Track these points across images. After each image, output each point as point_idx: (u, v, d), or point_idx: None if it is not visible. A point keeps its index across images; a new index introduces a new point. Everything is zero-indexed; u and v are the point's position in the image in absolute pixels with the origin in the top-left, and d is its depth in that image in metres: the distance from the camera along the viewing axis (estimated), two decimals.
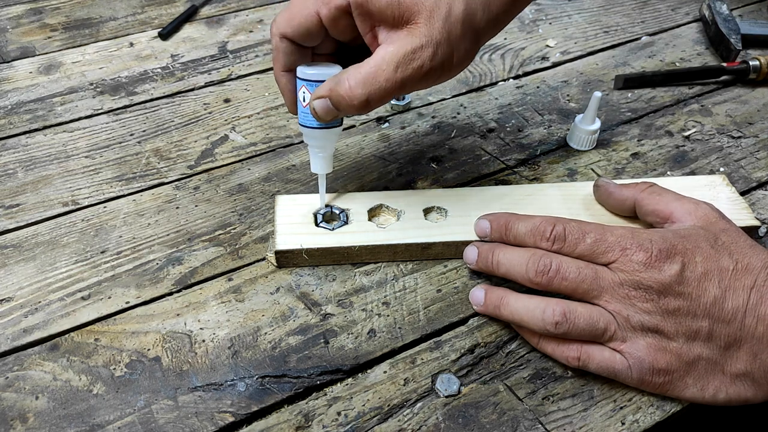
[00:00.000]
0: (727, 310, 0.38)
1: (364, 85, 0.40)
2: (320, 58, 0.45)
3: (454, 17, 0.39)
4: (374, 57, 0.40)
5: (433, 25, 0.39)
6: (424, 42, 0.39)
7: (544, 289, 0.41)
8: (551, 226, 0.42)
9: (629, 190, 0.47)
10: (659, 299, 0.39)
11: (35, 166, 0.55)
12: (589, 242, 0.41)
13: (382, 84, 0.40)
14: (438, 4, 0.39)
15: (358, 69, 0.40)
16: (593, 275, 0.40)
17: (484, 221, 0.46)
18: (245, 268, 0.47)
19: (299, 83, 0.43)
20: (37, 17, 0.73)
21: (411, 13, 0.39)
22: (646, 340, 0.39)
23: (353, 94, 0.40)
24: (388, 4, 0.39)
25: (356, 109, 0.41)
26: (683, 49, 0.70)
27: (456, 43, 0.40)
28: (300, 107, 0.44)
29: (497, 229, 0.45)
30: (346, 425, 0.39)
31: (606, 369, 0.40)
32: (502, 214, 0.46)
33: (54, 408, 0.39)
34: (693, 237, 0.40)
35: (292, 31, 0.42)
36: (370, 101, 0.40)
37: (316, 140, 0.46)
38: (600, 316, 0.40)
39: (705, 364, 0.39)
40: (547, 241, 0.42)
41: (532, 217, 0.44)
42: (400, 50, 0.39)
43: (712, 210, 0.43)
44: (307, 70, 0.43)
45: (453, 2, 0.39)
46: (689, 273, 0.39)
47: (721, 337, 0.38)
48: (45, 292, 0.45)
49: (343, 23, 0.41)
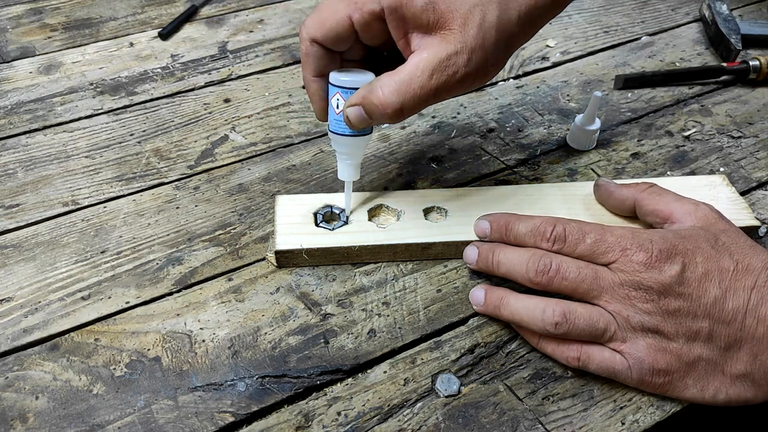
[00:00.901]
0: (728, 310, 0.38)
1: (397, 93, 0.39)
2: (348, 64, 0.44)
3: (488, 23, 0.39)
4: (408, 64, 0.39)
5: (468, 32, 0.39)
6: (459, 48, 0.39)
7: (544, 289, 0.41)
8: (551, 226, 0.42)
9: (629, 189, 0.47)
10: (659, 300, 0.39)
11: (35, 166, 0.55)
12: (589, 242, 0.41)
13: (417, 92, 0.39)
14: (472, 11, 0.39)
15: (392, 77, 0.39)
16: (593, 275, 0.40)
17: (484, 221, 0.46)
18: (245, 268, 0.47)
19: (332, 90, 0.43)
20: (37, 17, 0.73)
21: (445, 19, 0.39)
22: (646, 341, 0.39)
23: (386, 102, 0.39)
24: (423, 9, 0.38)
25: (389, 118, 0.40)
26: (683, 49, 0.70)
27: (490, 48, 0.40)
28: (332, 114, 0.44)
29: (497, 229, 0.45)
30: (346, 425, 0.39)
31: (606, 369, 0.40)
32: (502, 215, 0.46)
33: (54, 408, 0.39)
34: (693, 237, 0.40)
35: (322, 36, 0.41)
36: (403, 109, 0.40)
37: (346, 147, 0.45)
38: (600, 317, 0.40)
39: (705, 364, 0.39)
40: (548, 242, 0.42)
41: (533, 218, 0.44)
42: (435, 57, 0.39)
43: (712, 211, 0.43)
44: (342, 77, 0.42)
45: (487, 8, 0.39)
46: (690, 273, 0.39)
47: (721, 338, 0.38)
48: (45, 292, 0.45)
49: (376, 28, 0.40)
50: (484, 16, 0.39)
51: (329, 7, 0.40)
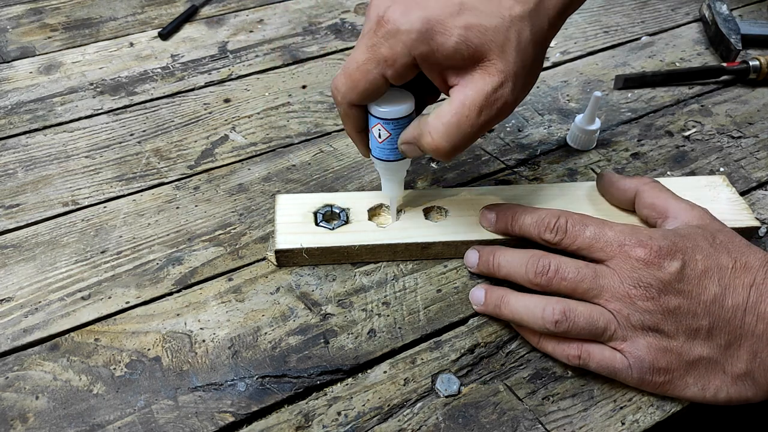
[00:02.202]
0: (727, 308, 0.38)
1: (447, 137, 0.38)
2: None
3: (524, 41, 0.38)
4: (453, 103, 0.38)
5: (508, 59, 0.37)
6: (503, 79, 0.37)
7: (544, 289, 0.41)
8: (555, 218, 0.43)
9: (632, 180, 0.47)
10: (659, 297, 0.39)
11: (35, 166, 0.55)
12: (589, 235, 0.41)
13: (467, 131, 0.38)
14: (508, 36, 0.37)
15: (439, 119, 0.38)
16: (593, 275, 0.40)
17: (491, 212, 0.46)
18: (245, 268, 0.47)
19: (372, 120, 0.42)
20: (37, 17, 0.73)
21: (482, 52, 0.37)
22: (646, 339, 0.39)
23: (438, 146, 0.39)
24: (456, 49, 0.37)
25: (443, 158, 0.40)
26: (683, 49, 0.70)
27: (531, 66, 0.39)
28: (374, 143, 0.43)
29: (503, 219, 0.45)
30: (346, 425, 0.39)
31: (606, 368, 0.40)
32: (509, 205, 0.46)
33: (54, 408, 0.39)
34: (692, 236, 0.40)
35: (359, 98, 0.40)
36: (456, 149, 0.39)
37: (389, 172, 0.45)
38: (600, 315, 0.40)
39: (706, 363, 0.39)
40: (551, 233, 0.42)
41: (538, 210, 0.44)
42: (481, 93, 0.37)
43: (707, 212, 0.44)
44: (381, 109, 0.41)
45: (520, 28, 0.38)
46: (689, 271, 0.39)
47: (721, 336, 0.38)
48: (45, 292, 0.45)
49: (410, 74, 0.39)
50: (519, 36, 0.38)
51: (359, 69, 0.39)
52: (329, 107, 0.62)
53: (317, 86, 0.64)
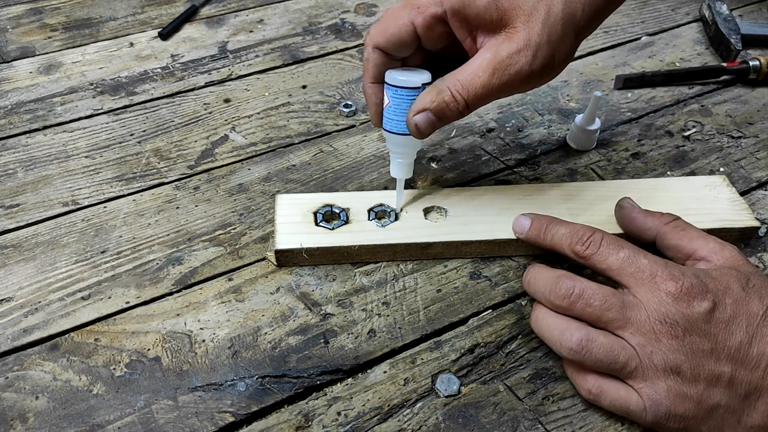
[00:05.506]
0: (752, 356, 0.37)
1: (462, 92, 0.40)
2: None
3: (553, 18, 0.39)
4: (471, 63, 0.39)
5: (532, 28, 0.38)
6: (522, 46, 0.38)
7: (566, 313, 0.40)
8: (591, 232, 0.41)
9: (653, 219, 0.45)
10: (684, 337, 0.37)
11: (35, 166, 0.55)
12: (622, 257, 0.39)
13: (479, 91, 0.39)
14: (536, 6, 0.38)
15: (455, 75, 0.40)
16: (620, 305, 0.38)
17: (526, 219, 0.46)
18: (245, 268, 0.47)
19: (388, 89, 0.43)
20: (37, 17, 0.73)
21: (509, 16, 0.38)
22: (666, 383, 0.37)
23: (449, 102, 0.40)
24: (486, 8, 0.38)
25: (459, 115, 0.41)
26: (683, 49, 0.70)
27: (556, 43, 0.39)
28: (386, 113, 0.44)
29: (537, 227, 0.45)
30: (346, 425, 0.39)
31: (620, 407, 0.38)
32: (544, 216, 0.45)
33: (54, 408, 0.39)
34: (725, 278, 0.39)
35: (385, 42, 0.41)
36: (469, 107, 0.40)
37: (400, 147, 0.46)
38: (622, 350, 0.38)
39: (723, 412, 0.37)
40: (583, 245, 0.41)
41: (574, 223, 0.43)
42: (497, 56, 0.39)
43: (739, 252, 0.41)
44: (398, 76, 0.42)
45: (552, 2, 0.39)
46: (719, 314, 0.37)
47: (742, 384, 0.37)
48: (45, 292, 0.45)
49: (438, 31, 0.40)
50: (549, 10, 0.38)
51: (392, 15, 0.41)
52: (329, 107, 0.62)
53: (317, 86, 0.64)
